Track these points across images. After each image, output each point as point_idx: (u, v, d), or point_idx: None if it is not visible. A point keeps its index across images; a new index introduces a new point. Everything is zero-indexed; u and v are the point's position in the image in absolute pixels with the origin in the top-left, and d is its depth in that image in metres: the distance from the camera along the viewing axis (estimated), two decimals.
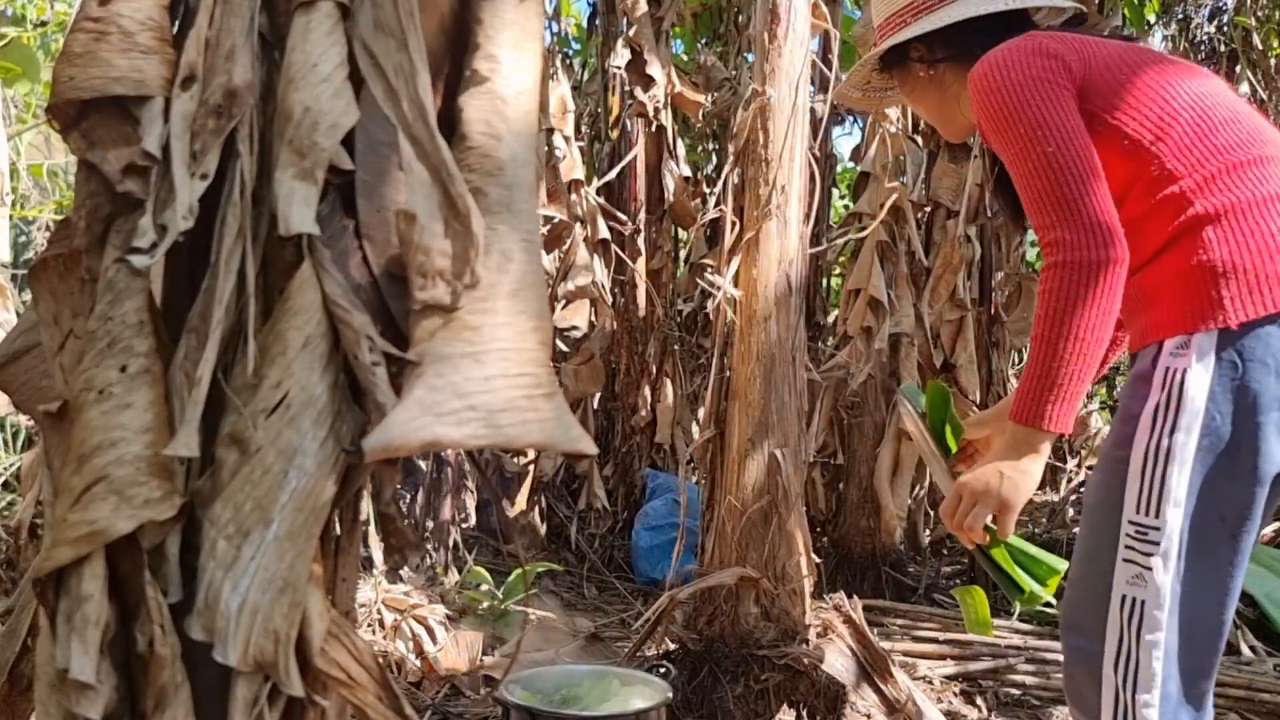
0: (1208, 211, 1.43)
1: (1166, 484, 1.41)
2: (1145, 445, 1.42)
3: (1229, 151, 1.47)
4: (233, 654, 0.69)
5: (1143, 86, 1.53)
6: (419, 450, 0.70)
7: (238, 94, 0.79)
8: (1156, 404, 1.42)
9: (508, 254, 0.77)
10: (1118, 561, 1.44)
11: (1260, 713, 2.87)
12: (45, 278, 0.83)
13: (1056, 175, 1.44)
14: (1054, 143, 1.46)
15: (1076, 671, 1.52)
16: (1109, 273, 1.40)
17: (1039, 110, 1.49)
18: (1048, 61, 1.53)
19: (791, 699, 2.58)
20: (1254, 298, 1.39)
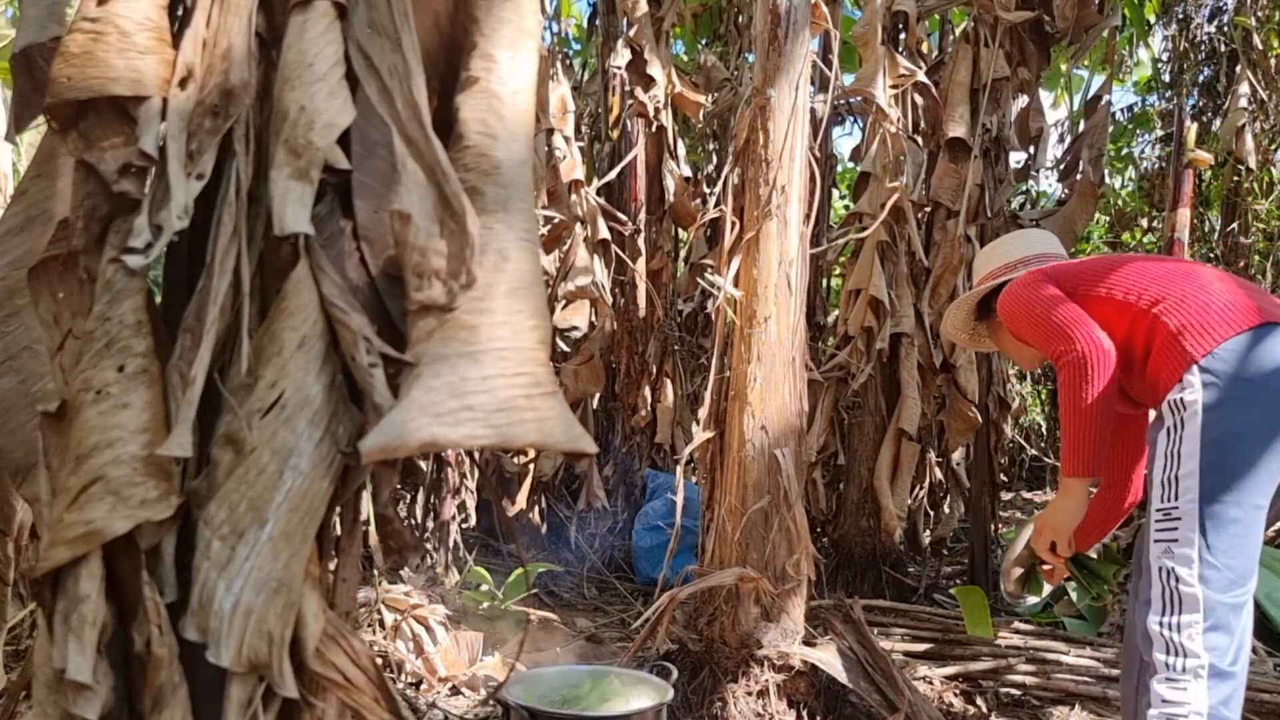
0: (1155, 308, 2.07)
1: (1180, 476, 1.94)
2: (1164, 452, 1.97)
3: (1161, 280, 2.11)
4: (226, 654, 0.69)
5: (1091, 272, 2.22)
6: (416, 451, 0.69)
7: (234, 94, 0.79)
8: (1169, 425, 1.97)
9: (504, 253, 0.77)
10: (1149, 542, 1.98)
11: (1261, 713, 2.87)
12: (45, 278, 0.83)
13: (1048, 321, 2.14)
14: (1041, 306, 2.17)
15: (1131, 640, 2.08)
16: (1098, 362, 2.03)
17: (1039, 304, 2.19)
18: (1039, 281, 2.23)
19: (792, 699, 2.58)
20: (1205, 336, 1.98)
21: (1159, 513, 1.96)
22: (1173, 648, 1.93)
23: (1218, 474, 1.92)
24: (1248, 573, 1.97)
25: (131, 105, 0.79)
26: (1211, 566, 1.91)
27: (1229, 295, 2.08)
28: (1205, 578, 1.90)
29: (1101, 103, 4.43)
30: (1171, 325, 2.03)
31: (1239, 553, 1.93)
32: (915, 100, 4.22)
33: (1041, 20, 4.09)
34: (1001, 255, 2.47)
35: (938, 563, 4.33)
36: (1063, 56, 4.92)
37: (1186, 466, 1.93)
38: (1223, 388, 1.95)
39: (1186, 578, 1.91)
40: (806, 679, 2.58)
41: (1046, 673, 3.00)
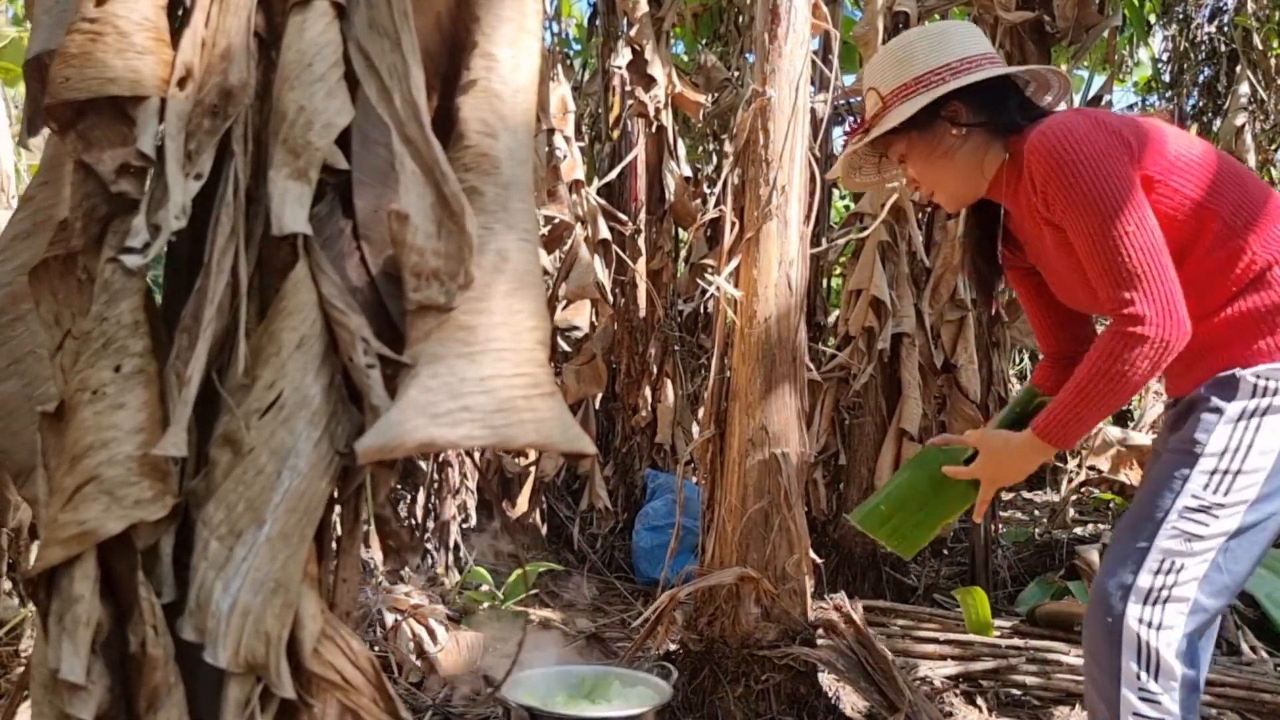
0: (1270, 259, 1.64)
1: (1241, 470, 1.60)
2: (1229, 435, 1.61)
3: (1262, 205, 1.67)
4: (223, 655, 0.69)
5: (1184, 150, 1.70)
6: (414, 452, 0.69)
7: (233, 94, 0.79)
8: (1246, 405, 1.61)
9: (504, 253, 0.77)
10: (1165, 527, 1.62)
11: (1261, 713, 2.87)
12: (45, 278, 0.83)
13: (1136, 254, 1.59)
14: (1133, 222, 1.59)
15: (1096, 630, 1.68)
16: (1175, 352, 1.59)
17: (1112, 186, 1.61)
18: (1111, 136, 1.65)
19: (792, 699, 2.58)
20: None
21: (1195, 500, 1.61)
22: (1148, 656, 1.62)
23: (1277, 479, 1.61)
24: (1236, 587, 1.70)
25: (130, 105, 0.79)
26: (1219, 571, 1.64)
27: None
28: (1209, 580, 1.63)
29: (1102, 103, 4.43)
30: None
31: (1248, 561, 1.67)
32: None
33: (1041, 20, 4.09)
34: (946, 49, 1.80)
35: (938, 563, 4.33)
36: (1063, 57, 4.92)
37: (1254, 463, 1.60)
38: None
39: (1191, 578, 1.62)
40: (807, 679, 2.58)
41: (1047, 673, 3.00)
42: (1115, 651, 1.64)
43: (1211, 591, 1.63)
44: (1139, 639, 1.62)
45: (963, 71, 1.78)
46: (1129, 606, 1.63)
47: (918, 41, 1.85)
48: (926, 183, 1.90)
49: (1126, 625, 1.63)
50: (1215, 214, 1.65)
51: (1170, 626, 1.61)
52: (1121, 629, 1.63)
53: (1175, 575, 1.62)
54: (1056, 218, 1.69)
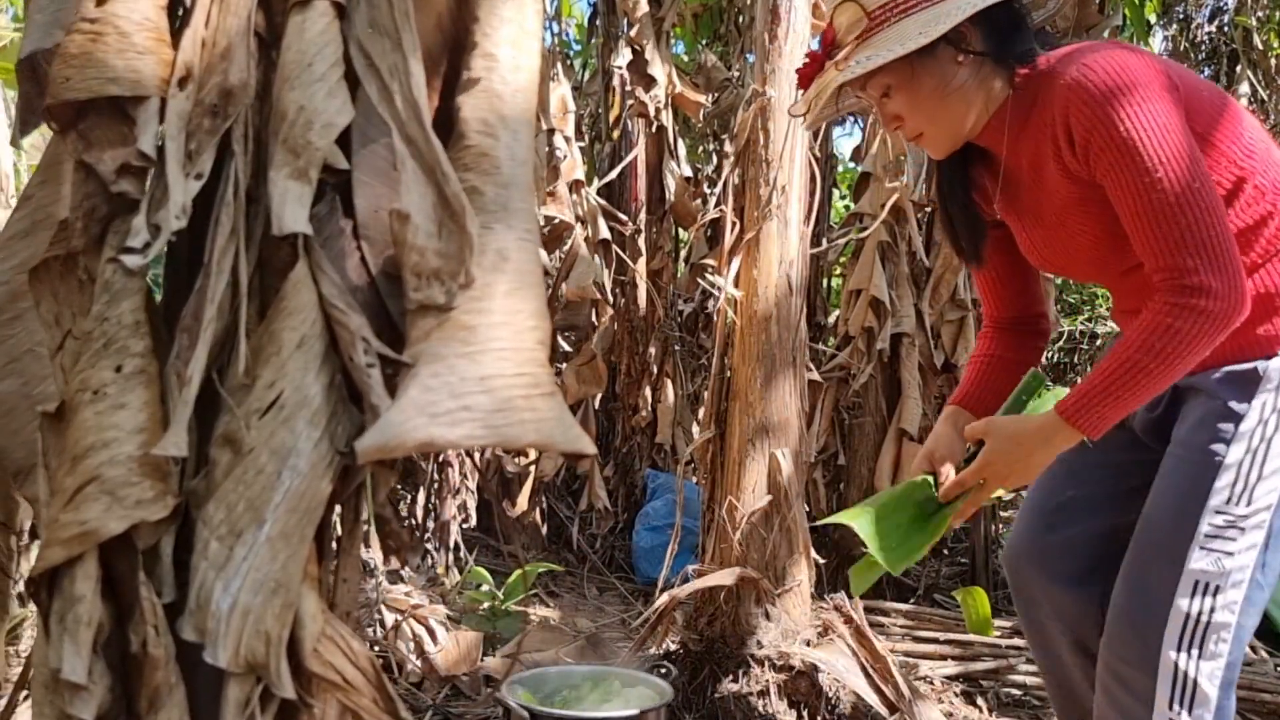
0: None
1: (1262, 477, 1.45)
2: (1248, 442, 1.46)
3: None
4: (223, 655, 0.69)
5: (1221, 103, 1.52)
6: (414, 451, 0.69)
7: (233, 93, 0.79)
8: (1264, 404, 1.46)
9: (504, 253, 0.77)
10: (1193, 549, 1.47)
11: (1261, 713, 2.87)
12: (45, 278, 0.83)
13: (1203, 216, 1.38)
14: (1197, 179, 1.39)
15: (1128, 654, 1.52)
16: (1232, 328, 1.41)
17: (1174, 141, 1.39)
18: (1162, 79, 1.44)
19: (792, 699, 2.57)
20: None
21: (1219, 515, 1.46)
22: (1183, 691, 1.48)
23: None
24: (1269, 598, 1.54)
25: (130, 105, 0.80)
26: (1259, 589, 1.49)
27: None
28: (1252, 600, 1.48)
29: None
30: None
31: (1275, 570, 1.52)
32: None
33: None
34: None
35: (938, 563, 4.33)
36: None
37: (1274, 464, 1.46)
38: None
39: (1229, 602, 1.46)
40: (807, 679, 2.58)
41: None
42: (1150, 679, 1.49)
43: (1254, 612, 1.50)
44: (1176, 668, 1.47)
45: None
46: (1166, 634, 1.48)
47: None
48: (915, 121, 1.58)
49: (1164, 654, 1.48)
50: (1250, 174, 1.48)
51: (1215, 656, 1.47)
52: (1159, 658, 1.48)
53: (1213, 599, 1.47)
54: (1099, 173, 1.45)
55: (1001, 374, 1.79)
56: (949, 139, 1.60)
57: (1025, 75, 1.54)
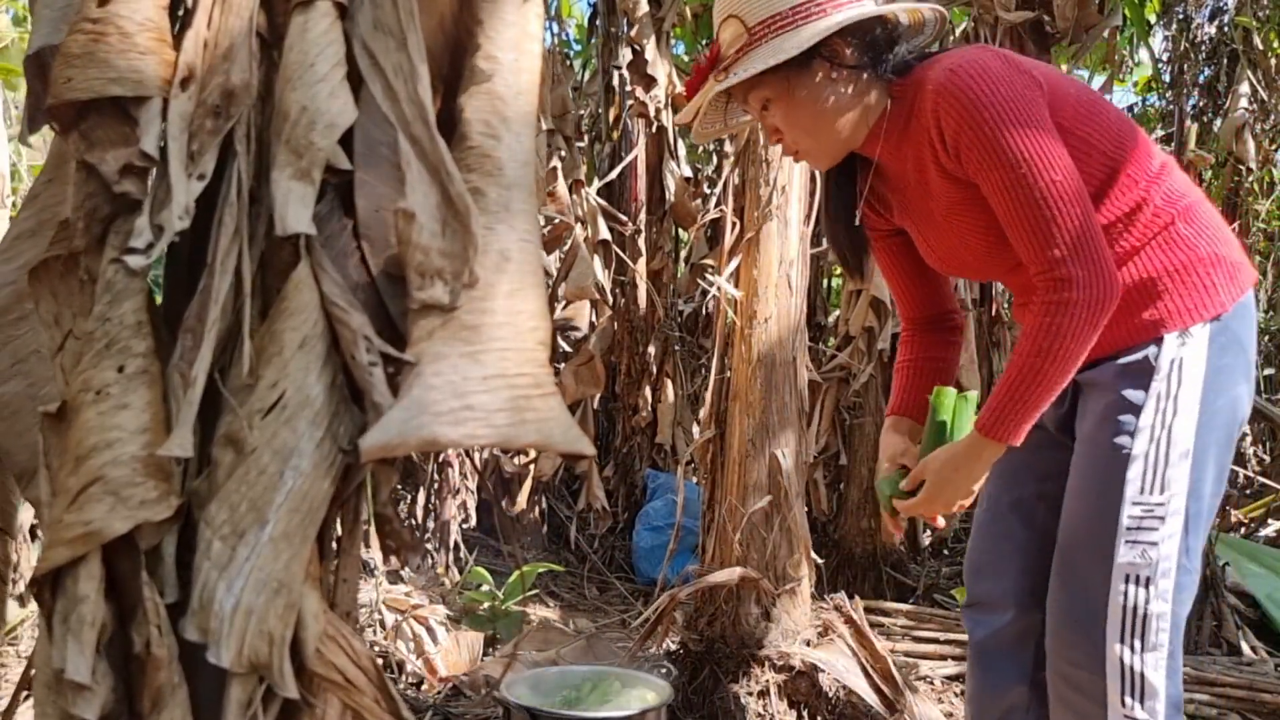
0: (1175, 214, 1.53)
1: (1170, 463, 1.50)
2: (1150, 431, 1.50)
3: (1159, 156, 1.57)
4: (226, 655, 0.69)
5: (1088, 98, 1.57)
6: (416, 450, 0.70)
7: (235, 94, 0.79)
8: (1159, 392, 1.50)
9: (506, 254, 0.77)
10: (1119, 543, 1.50)
11: (1261, 713, 2.87)
12: (46, 278, 0.83)
13: (1066, 209, 1.43)
14: (1060, 172, 1.43)
15: (1073, 658, 1.56)
16: (1110, 309, 1.45)
17: (1037, 137, 1.44)
18: (1025, 77, 1.49)
19: (792, 699, 2.58)
20: (1233, 283, 1.52)
21: (1137, 507, 1.50)
22: (1132, 684, 1.50)
23: (1206, 457, 1.51)
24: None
25: (132, 106, 0.80)
26: (1188, 573, 1.52)
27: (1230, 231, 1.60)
28: (1182, 586, 1.51)
29: None
30: (1198, 249, 1.51)
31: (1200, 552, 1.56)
32: None
33: (1042, 20, 4.09)
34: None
35: (938, 563, 4.33)
36: (1063, 57, 4.92)
37: (1180, 447, 1.49)
38: (1226, 350, 1.51)
39: (1162, 591, 1.49)
40: (807, 679, 2.58)
41: None
42: (1101, 677, 1.52)
43: (1186, 599, 1.53)
44: (1123, 663, 1.50)
45: (845, 3, 1.52)
46: (1108, 629, 1.51)
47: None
48: (792, 134, 1.61)
49: (1110, 650, 1.51)
50: (1121, 165, 1.52)
51: (1157, 646, 1.50)
52: (1105, 655, 1.51)
53: (1146, 590, 1.50)
54: (970, 172, 1.50)
55: (928, 375, 1.85)
56: (827, 152, 1.64)
57: (902, 86, 1.58)
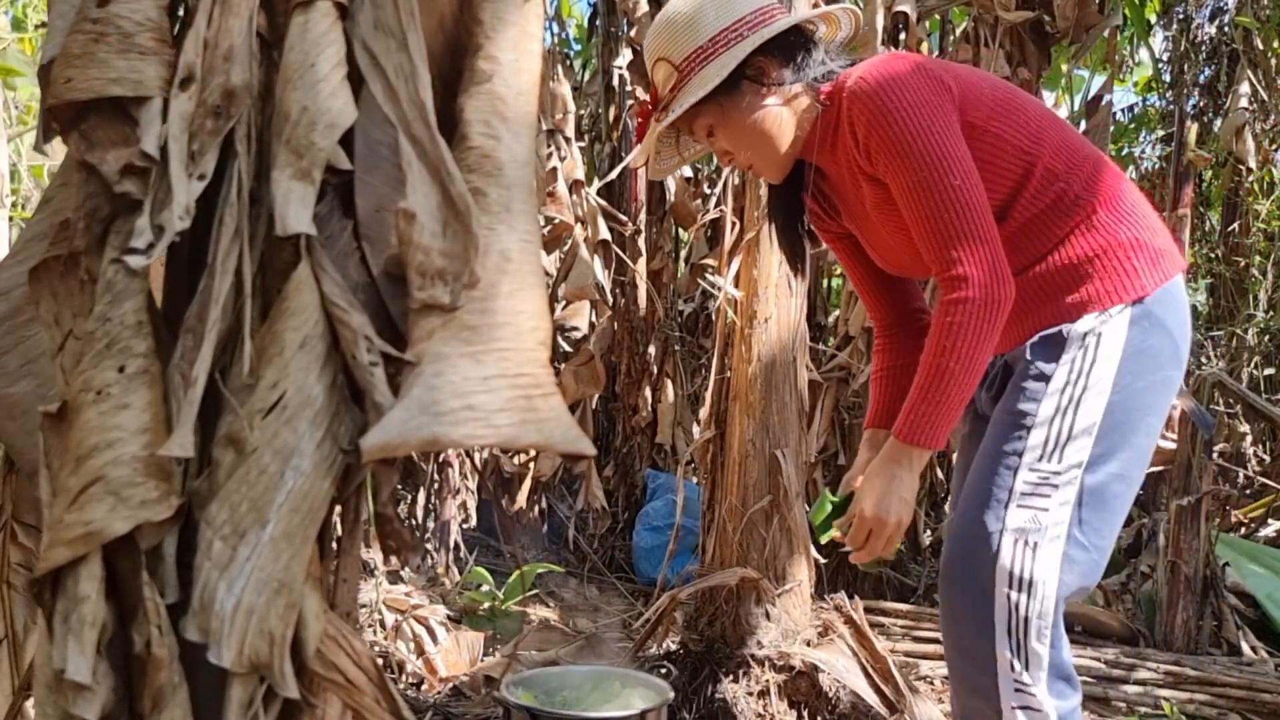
0: (1096, 201, 1.57)
1: (1072, 436, 1.53)
2: (1057, 400, 1.53)
3: (1080, 146, 1.62)
4: (227, 655, 0.69)
5: (1005, 96, 1.63)
6: (417, 450, 0.70)
7: (236, 94, 0.79)
8: (1071, 361, 1.53)
9: (506, 254, 0.77)
10: (1011, 508, 1.53)
11: (1261, 713, 2.87)
12: (46, 278, 0.83)
13: (964, 210, 1.49)
14: (959, 175, 1.50)
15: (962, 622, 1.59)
16: (1005, 309, 1.51)
17: (940, 140, 1.51)
18: (932, 82, 1.55)
19: (792, 699, 2.58)
20: (1156, 268, 1.55)
21: (1032, 473, 1.53)
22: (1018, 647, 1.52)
23: (1114, 436, 1.53)
24: (1104, 563, 1.60)
25: (133, 106, 0.80)
26: (1082, 549, 1.54)
27: (1160, 220, 1.63)
28: (1072, 559, 1.54)
29: (1103, 103, 4.43)
30: (1119, 234, 1.56)
31: (1109, 535, 1.57)
32: None
33: (1042, 20, 4.09)
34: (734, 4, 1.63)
35: (938, 563, 4.33)
36: (1064, 56, 4.92)
37: (1085, 421, 1.52)
38: (1149, 334, 1.54)
39: (1048, 557, 1.52)
40: (807, 679, 2.58)
41: None
42: (989, 638, 1.53)
43: (1080, 572, 1.55)
44: (1009, 624, 1.52)
45: (759, 25, 1.61)
46: (997, 592, 1.52)
47: (697, 2, 1.64)
48: (743, 153, 1.72)
49: (997, 608, 1.52)
50: (1039, 158, 1.58)
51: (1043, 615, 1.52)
52: (993, 613, 1.53)
53: (1033, 556, 1.51)
54: (880, 171, 1.58)
55: (904, 383, 1.83)
56: (774, 165, 1.73)
57: (829, 93, 1.66)
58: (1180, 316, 1.59)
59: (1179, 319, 1.59)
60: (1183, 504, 3.52)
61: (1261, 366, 6.46)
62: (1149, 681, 3.07)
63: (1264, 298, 6.64)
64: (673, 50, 1.65)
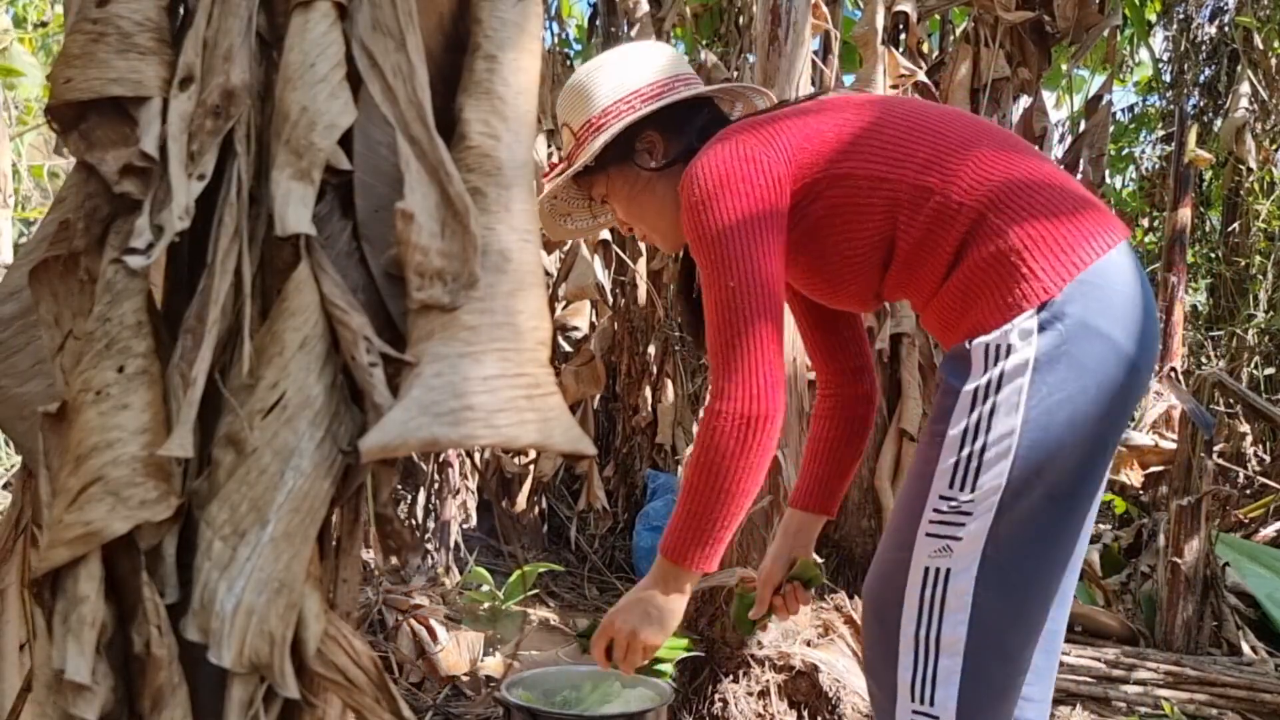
0: (981, 206, 1.42)
1: (984, 460, 1.36)
2: (965, 422, 1.37)
3: (962, 149, 1.47)
4: (227, 655, 0.69)
5: (850, 131, 1.52)
6: (416, 450, 0.70)
7: (235, 94, 0.79)
8: (979, 383, 1.37)
9: (506, 254, 0.77)
10: (919, 535, 1.40)
11: (1262, 713, 2.87)
12: (45, 279, 0.83)
13: (733, 316, 1.43)
14: (736, 277, 1.43)
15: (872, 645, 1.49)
16: (763, 429, 1.41)
17: (731, 240, 1.44)
18: (754, 172, 1.48)
19: (793, 699, 2.58)
20: (1061, 262, 1.37)
21: (943, 501, 1.37)
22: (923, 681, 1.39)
23: (1035, 458, 1.34)
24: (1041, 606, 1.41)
25: (132, 106, 0.80)
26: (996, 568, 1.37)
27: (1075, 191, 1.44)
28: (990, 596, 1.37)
29: (1102, 103, 4.44)
30: (1009, 238, 1.38)
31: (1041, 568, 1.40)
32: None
33: (1042, 20, 4.09)
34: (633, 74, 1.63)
35: None
36: (1064, 56, 4.93)
37: (998, 446, 1.34)
38: (1067, 339, 1.34)
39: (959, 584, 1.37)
40: (808, 679, 2.58)
41: None
42: (891, 667, 1.43)
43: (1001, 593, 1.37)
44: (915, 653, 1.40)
45: (654, 97, 1.61)
46: (903, 623, 1.40)
47: (600, 70, 1.66)
48: (635, 223, 1.72)
49: (902, 642, 1.41)
50: (902, 179, 1.46)
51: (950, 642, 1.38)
52: (898, 645, 1.41)
53: (944, 586, 1.38)
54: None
55: (831, 467, 1.89)
56: (665, 238, 1.71)
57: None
58: (1115, 307, 1.37)
59: (1113, 311, 1.37)
60: (1183, 504, 3.52)
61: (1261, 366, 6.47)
62: (1149, 681, 3.07)
63: (1264, 298, 6.65)
64: (573, 116, 1.66)
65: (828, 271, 1.58)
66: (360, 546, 0.80)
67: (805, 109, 1.59)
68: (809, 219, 1.52)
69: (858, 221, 1.49)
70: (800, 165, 1.50)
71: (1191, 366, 6.59)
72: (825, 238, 1.53)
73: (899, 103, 1.60)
